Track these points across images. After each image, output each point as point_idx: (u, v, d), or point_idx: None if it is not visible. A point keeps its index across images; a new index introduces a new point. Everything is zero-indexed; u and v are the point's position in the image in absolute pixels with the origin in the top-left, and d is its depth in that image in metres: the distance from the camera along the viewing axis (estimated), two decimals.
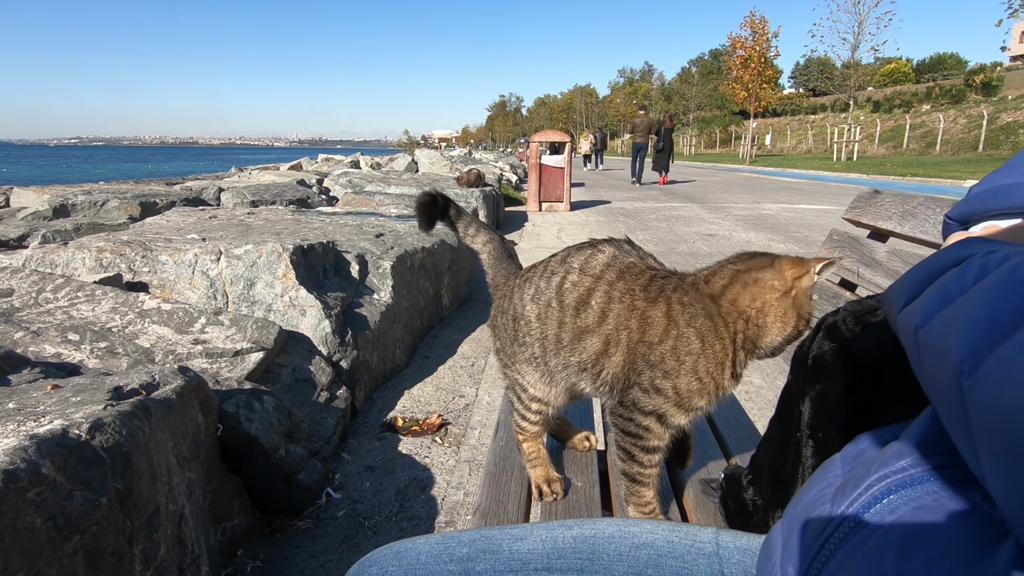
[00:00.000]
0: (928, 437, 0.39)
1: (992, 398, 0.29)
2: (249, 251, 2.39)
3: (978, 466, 0.31)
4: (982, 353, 0.30)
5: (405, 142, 50.74)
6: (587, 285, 0.84)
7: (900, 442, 0.42)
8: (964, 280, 0.37)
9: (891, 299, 0.47)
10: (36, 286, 2.06)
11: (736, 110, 44.88)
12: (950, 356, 0.32)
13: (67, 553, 0.91)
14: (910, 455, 0.39)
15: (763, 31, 29.91)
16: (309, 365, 2.14)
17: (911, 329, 0.39)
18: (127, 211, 4.48)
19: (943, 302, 0.37)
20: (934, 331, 0.36)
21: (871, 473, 0.40)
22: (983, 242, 0.42)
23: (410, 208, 5.24)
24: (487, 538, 0.58)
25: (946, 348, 0.33)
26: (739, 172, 22.47)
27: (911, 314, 0.40)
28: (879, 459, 0.42)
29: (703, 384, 0.75)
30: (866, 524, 0.38)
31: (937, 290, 0.39)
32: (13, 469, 0.86)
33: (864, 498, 0.39)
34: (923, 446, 0.39)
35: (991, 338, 0.30)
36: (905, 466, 0.39)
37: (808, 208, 9.56)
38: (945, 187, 14.22)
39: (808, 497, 0.47)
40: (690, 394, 0.76)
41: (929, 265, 0.43)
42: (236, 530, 1.57)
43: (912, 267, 0.47)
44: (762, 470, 0.73)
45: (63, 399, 1.19)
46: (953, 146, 26.65)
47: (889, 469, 0.39)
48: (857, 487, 0.41)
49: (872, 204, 1.26)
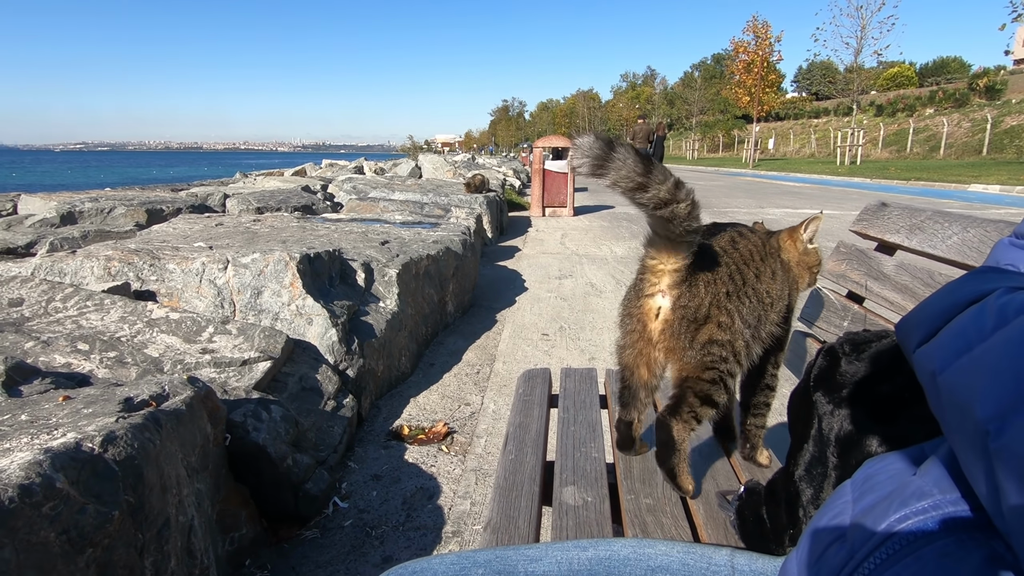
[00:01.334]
0: (950, 477, 0.39)
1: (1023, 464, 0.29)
2: (256, 260, 2.40)
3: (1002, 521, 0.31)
4: (1008, 415, 0.30)
5: (409, 147, 50.91)
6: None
7: (920, 478, 0.41)
8: (982, 325, 0.36)
9: (905, 333, 0.46)
10: (46, 295, 2.07)
11: (739, 114, 44.90)
12: (972, 411, 0.32)
13: (80, 567, 0.92)
14: (932, 495, 0.39)
15: (766, 35, 29.96)
16: (316, 374, 2.15)
17: (928, 373, 0.39)
18: (133, 218, 4.50)
19: (960, 349, 0.36)
20: (953, 380, 0.36)
21: (891, 512, 0.40)
22: (1001, 274, 0.41)
23: (415, 214, 5.25)
24: (502, 559, 0.59)
25: (968, 401, 0.33)
26: (742, 176, 22.45)
27: (928, 356, 0.40)
28: (898, 496, 0.41)
29: None
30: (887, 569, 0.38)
31: (954, 333, 0.38)
32: (28, 484, 0.86)
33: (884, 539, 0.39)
34: (945, 486, 0.39)
35: (1017, 399, 0.30)
36: (927, 507, 0.38)
37: (811, 213, 9.53)
38: (949, 191, 14.18)
39: (821, 524, 0.47)
40: None
41: (943, 300, 0.43)
42: (244, 540, 1.57)
43: (926, 299, 0.46)
44: (778, 487, 0.73)
45: (75, 411, 1.20)
46: (957, 150, 26.60)
47: (910, 509, 0.39)
48: (876, 524, 0.40)
49: (879, 217, 1.26)
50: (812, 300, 1.33)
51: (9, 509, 0.83)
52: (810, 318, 1.32)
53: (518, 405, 1.36)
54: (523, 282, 4.81)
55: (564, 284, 4.72)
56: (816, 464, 0.69)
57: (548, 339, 3.38)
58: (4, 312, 1.97)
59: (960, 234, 0.99)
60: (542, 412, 1.31)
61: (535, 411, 1.32)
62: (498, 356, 3.14)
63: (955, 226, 1.01)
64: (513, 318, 3.83)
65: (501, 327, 3.66)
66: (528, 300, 4.27)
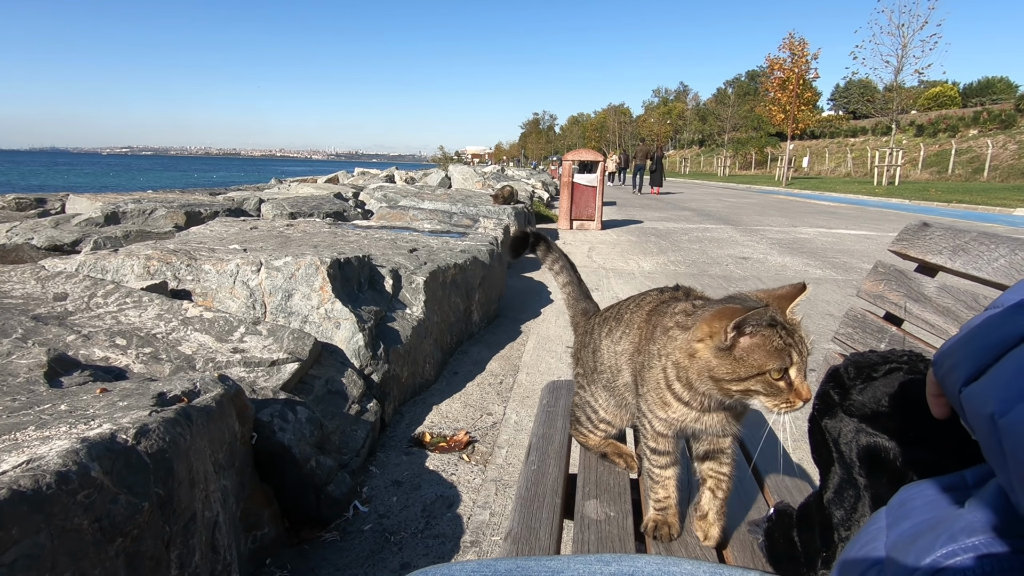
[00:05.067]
0: (1003, 515, 0.37)
1: None
2: (288, 263, 2.45)
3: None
4: None
5: (439, 157, 51.64)
6: (624, 326, 0.99)
7: (971, 514, 0.39)
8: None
9: (946, 369, 0.43)
10: (88, 291, 2.15)
11: (772, 131, 44.27)
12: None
13: (110, 555, 0.94)
14: (983, 532, 0.37)
15: (802, 53, 29.55)
16: (341, 377, 2.17)
17: (984, 416, 0.36)
18: (173, 220, 4.65)
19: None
20: (1020, 425, 0.33)
21: (937, 545, 0.38)
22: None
23: (444, 224, 5.30)
24: (523, 569, 0.58)
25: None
26: (774, 195, 22.09)
27: (981, 398, 0.37)
28: (945, 529, 0.39)
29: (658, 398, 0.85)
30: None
31: (1014, 373, 0.35)
32: (65, 471, 0.89)
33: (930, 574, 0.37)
34: (999, 526, 0.37)
35: None
36: (978, 544, 0.36)
37: (847, 233, 9.32)
38: (994, 215, 13.68)
39: (854, 553, 0.45)
40: (651, 406, 0.87)
41: (990, 334, 0.40)
42: (266, 539, 1.59)
43: (967, 331, 0.43)
44: (811, 511, 0.71)
45: (111, 403, 1.23)
46: (1002, 172, 25.70)
47: (959, 545, 0.37)
48: (920, 558, 0.38)
49: (920, 237, 1.22)
50: (848, 320, 1.29)
51: (47, 495, 0.85)
52: (846, 339, 1.28)
53: (542, 416, 1.35)
54: (549, 294, 4.80)
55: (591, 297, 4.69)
56: (847, 486, 0.67)
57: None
58: (49, 306, 2.05)
59: (1008, 256, 0.95)
60: (565, 424, 1.30)
61: (559, 423, 1.31)
62: (522, 367, 3.13)
63: (1002, 248, 0.97)
64: (538, 330, 3.82)
65: (525, 338, 3.65)
66: (553, 312, 4.25)
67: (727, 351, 0.71)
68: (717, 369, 0.73)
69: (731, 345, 0.71)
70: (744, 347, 0.70)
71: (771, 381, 0.70)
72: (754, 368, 0.70)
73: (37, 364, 1.48)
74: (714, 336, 0.72)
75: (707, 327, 0.73)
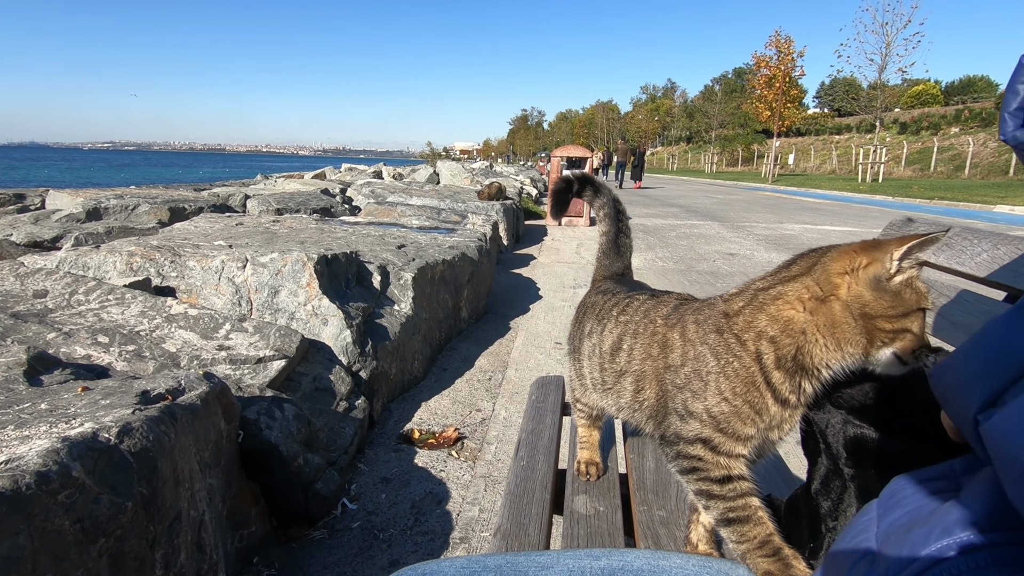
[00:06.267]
0: (998, 509, 0.36)
1: None
2: (274, 259, 2.43)
3: None
4: None
5: (427, 154, 51.38)
6: (619, 330, 0.86)
7: (963, 505, 0.38)
8: None
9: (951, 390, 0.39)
10: (69, 288, 2.11)
11: (759, 129, 44.63)
12: None
13: (92, 556, 0.92)
14: (976, 525, 0.36)
15: (788, 50, 29.78)
16: (329, 374, 2.16)
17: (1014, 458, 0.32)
18: (156, 216, 4.58)
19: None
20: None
21: (931, 539, 0.37)
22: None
23: (432, 220, 5.28)
24: (513, 564, 0.58)
25: None
26: (761, 191, 22.28)
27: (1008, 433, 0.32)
28: (939, 523, 0.38)
29: (734, 406, 0.68)
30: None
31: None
32: (45, 471, 0.87)
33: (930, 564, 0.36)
34: (994, 518, 0.36)
35: None
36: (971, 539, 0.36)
37: (832, 229, 9.42)
38: (975, 211, 13.91)
39: (844, 544, 0.45)
40: (725, 417, 0.68)
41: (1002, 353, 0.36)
42: (253, 537, 1.58)
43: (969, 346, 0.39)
44: (799, 503, 0.72)
45: (93, 402, 1.21)
46: (983, 170, 26.13)
47: (953, 540, 0.36)
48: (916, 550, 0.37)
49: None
50: None
51: (26, 495, 0.84)
52: None
53: (531, 412, 1.35)
54: (538, 290, 4.80)
55: (578, 294, 4.70)
56: (833, 477, 0.68)
57: (561, 347, 3.36)
58: (28, 303, 2.01)
59: (990, 251, 0.97)
60: (555, 419, 1.30)
61: (548, 418, 1.31)
62: (511, 363, 3.13)
63: (984, 243, 0.99)
64: (527, 326, 3.82)
65: (515, 334, 3.65)
66: (542, 308, 4.26)
67: (886, 282, 0.61)
68: (874, 304, 0.61)
69: (895, 273, 0.61)
70: (901, 281, 0.62)
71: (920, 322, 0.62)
72: (912, 304, 0.61)
73: (16, 362, 1.45)
74: (871, 265, 0.62)
75: (856, 256, 0.63)
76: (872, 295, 0.62)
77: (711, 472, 0.69)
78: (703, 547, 0.83)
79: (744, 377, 0.67)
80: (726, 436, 0.69)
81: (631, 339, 0.83)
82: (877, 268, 0.62)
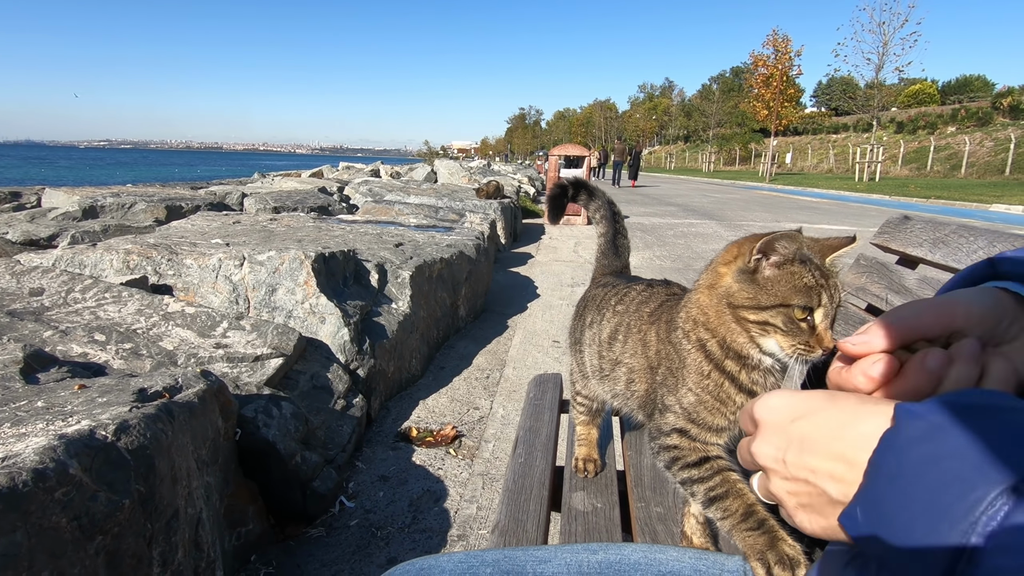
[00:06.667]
0: None
1: None
2: (272, 257, 2.42)
3: None
4: None
5: (425, 152, 51.33)
6: (616, 320, 0.90)
7: None
8: None
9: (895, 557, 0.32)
10: (66, 286, 2.10)
11: (756, 128, 44.70)
12: None
13: (89, 554, 0.92)
14: None
15: (786, 49, 29.80)
16: (327, 372, 2.16)
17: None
18: (153, 214, 4.57)
19: None
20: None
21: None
22: None
23: (430, 218, 5.28)
24: (511, 559, 0.58)
25: None
26: (758, 190, 22.31)
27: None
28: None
29: (698, 396, 0.71)
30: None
31: None
32: (42, 469, 0.87)
33: None
34: None
35: None
36: None
37: (829, 228, 9.44)
38: (971, 210, 13.96)
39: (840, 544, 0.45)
40: (694, 407, 0.72)
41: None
42: (250, 535, 1.58)
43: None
44: None
45: (90, 399, 1.21)
46: (979, 169, 26.23)
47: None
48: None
49: (902, 230, 1.24)
50: None
51: (23, 492, 0.83)
52: None
53: (528, 409, 1.35)
54: (535, 289, 4.80)
55: (576, 292, 4.70)
56: None
57: (559, 346, 3.37)
58: (24, 301, 2.00)
59: (986, 248, 0.97)
60: (552, 417, 1.30)
61: (545, 415, 1.31)
62: (508, 361, 3.13)
63: (981, 240, 0.99)
64: (524, 324, 3.82)
65: (512, 333, 3.65)
66: (540, 307, 4.26)
67: (750, 275, 0.64)
68: (737, 295, 0.65)
69: (755, 268, 0.64)
70: (769, 276, 0.64)
71: (793, 318, 0.62)
72: (776, 298, 0.62)
73: (12, 360, 1.45)
74: (739, 259, 0.66)
75: (735, 249, 0.67)
76: (738, 286, 0.66)
77: (688, 457, 0.73)
78: (697, 539, 0.84)
79: (699, 368, 0.71)
80: (699, 427, 0.72)
81: (624, 332, 0.87)
82: (741, 261, 0.66)
